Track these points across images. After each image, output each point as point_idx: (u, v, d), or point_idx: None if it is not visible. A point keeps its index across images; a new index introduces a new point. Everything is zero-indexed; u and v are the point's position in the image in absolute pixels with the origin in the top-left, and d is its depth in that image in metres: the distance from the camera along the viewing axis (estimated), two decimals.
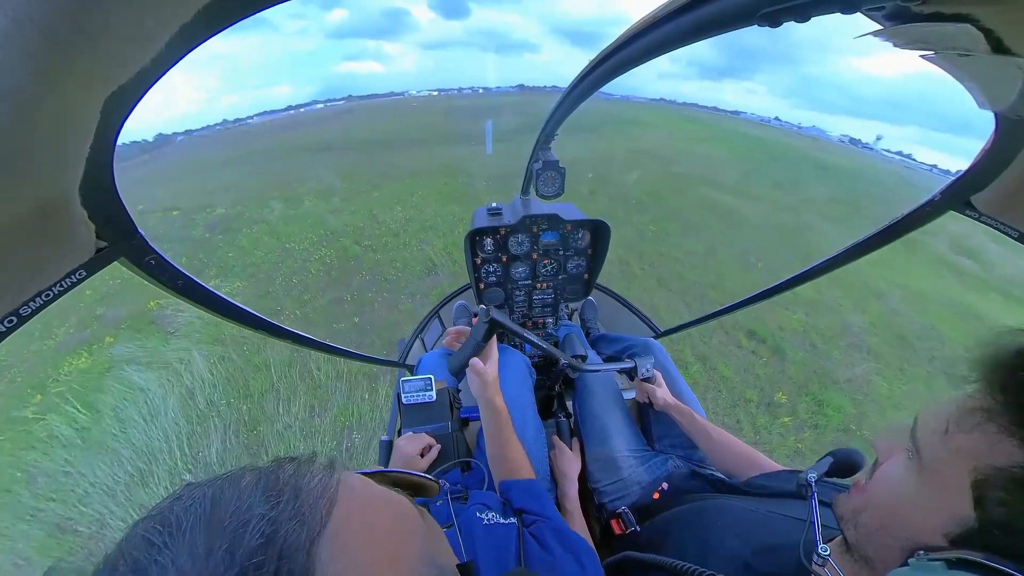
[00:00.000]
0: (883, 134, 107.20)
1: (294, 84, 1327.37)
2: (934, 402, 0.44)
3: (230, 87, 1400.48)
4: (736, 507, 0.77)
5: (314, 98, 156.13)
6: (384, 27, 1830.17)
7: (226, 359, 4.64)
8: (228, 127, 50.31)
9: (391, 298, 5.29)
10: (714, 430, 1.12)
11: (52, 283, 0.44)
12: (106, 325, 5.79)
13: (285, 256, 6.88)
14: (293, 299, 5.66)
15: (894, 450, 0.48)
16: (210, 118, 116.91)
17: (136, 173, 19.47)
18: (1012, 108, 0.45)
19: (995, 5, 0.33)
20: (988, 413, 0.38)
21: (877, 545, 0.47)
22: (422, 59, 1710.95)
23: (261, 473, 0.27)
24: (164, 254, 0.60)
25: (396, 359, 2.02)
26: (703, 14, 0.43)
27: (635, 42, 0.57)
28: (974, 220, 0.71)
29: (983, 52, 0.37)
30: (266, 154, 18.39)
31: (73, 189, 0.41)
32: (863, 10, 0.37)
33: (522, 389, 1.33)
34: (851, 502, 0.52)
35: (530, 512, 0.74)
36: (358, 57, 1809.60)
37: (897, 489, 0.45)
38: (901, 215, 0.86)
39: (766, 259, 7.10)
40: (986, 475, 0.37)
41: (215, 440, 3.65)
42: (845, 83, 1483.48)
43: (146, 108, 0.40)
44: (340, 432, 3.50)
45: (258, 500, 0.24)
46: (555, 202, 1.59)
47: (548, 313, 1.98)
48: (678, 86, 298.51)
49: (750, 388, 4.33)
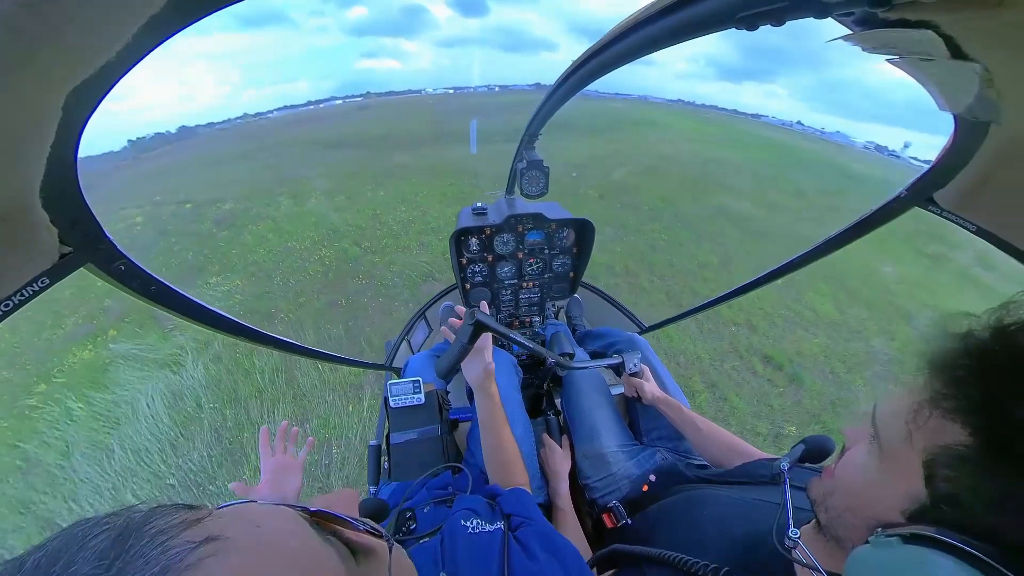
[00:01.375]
0: (911, 141, 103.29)
1: (313, 80, 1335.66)
2: (890, 391, 0.47)
3: (252, 81, 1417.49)
4: (722, 496, 0.79)
5: (332, 94, 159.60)
6: (402, 24, 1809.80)
7: (217, 360, 4.57)
8: (249, 120, 51.61)
9: (385, 304, 5.15)
10: (701, 421, 1.14)
11: (12, 292, 0.42)
12: (111, 318, 5.86)
13: (286, 255, 6.84)
14: (289, 301, 5.57)
15: (859, 436, 0.50)
16: (232, 111, 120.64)
17: (158, 163, 20.09)
18: (969, 110, 0.48)
19: (954, 13, 0.35)
20: (934, 398, 0.40)
21: (845, 526, 0.49)
22: (439, 57, 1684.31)
23: (116, 534, 0.23)
24: (135, 259, 0.58)
25: (382, 362, 2.00)
26: (683, 17, 0.44)
27: (617, 44, 0.57)
28: (936, 215, 0.74)
29: (943, 57, 0.39)
30: (281, 148, 18.64)
31: (33, 191, 0.39)
32: (834, 15, 0.39)
33: (509, 388, 1.33)
34: (822, 486, 0.54)
35: (518, 515, 0.73)
36: (376, 54, 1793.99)
37: (861, 472, 0.48)
38: (870, 211, 0.90)
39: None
40: (934, 454, 0.39)
41: (199, 444, 3.59)
42: (870, 87, 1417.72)
43: (170, 100, 0.33)
44: (321, 446, 3.33)
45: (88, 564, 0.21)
46: (539, 201, 1.60)
47: (535, 312, 1.99)
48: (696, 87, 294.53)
49: (762, 420, 3.98)
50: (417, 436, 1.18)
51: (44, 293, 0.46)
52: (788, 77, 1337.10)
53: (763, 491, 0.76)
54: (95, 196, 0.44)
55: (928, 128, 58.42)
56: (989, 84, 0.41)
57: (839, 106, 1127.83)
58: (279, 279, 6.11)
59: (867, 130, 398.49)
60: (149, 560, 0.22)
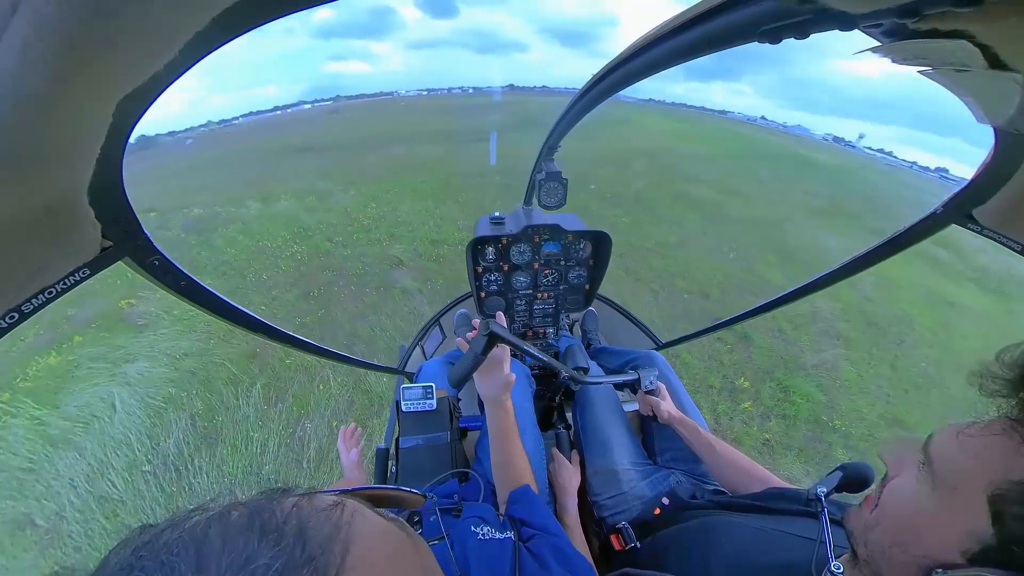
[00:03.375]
0: (866, 133, 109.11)
1: (281, 84, 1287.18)
2: (951, 420, 0.43)
3: (217, 87, 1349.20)
4: (739, 525, 0.75)
5: (301, 98, 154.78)
6: (370, 26, 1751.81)
7: (190, 355, 4.61)
8: (214, 128, 49.72)
9: (356, 292, 5.29)
10: (718, 444, 1.10)
11: (55, 281, 0.44)
12: (76, 325, 5.74)
13: (258, 254, 6.85)
14: (262, 295, 5.63)
15: (904, 463, 0.47)
16: (196, 119, 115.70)
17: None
18: (1011, 122, 0.46)
19: (991, 22, 0.33)
20: (1006, 427, 0.37)
21: (890, 562, 0.46)
22: (410, 59, 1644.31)
23: (252, 510, 0.22)
24: (169, 256, 0.60)
25: (395, 366, 2.01)
26: (705, 31, 0.43)
27: (637, 58, 0.57)
28: (976, 233, 0.71)
29: (981, 67, 0.37)
30: (248, 155, 18.27)
31: (82, 188, 0.41)
32: (861, 28, 0.38)
33: (522, 400, 1.29)
34: (862, 518, 0.51)
35: (530, 525, 0.71)
36: (345, 57, 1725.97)
37: (910, 504, 0.44)
38: (904, 227, 0.86)
39: (740, 250, 7.18)
40: (1004, 490, 0.36)
41: (174, 429, 3.64)
42: (830, 83, 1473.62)
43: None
44: (296, 421, 3.48)
45: (256, 544, 0.20)
46: (557, 212, 1.60)
47: (549, 323, 1.97)
48: (668, 87, 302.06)
49: (713, 375, 4.32)
50: (426, 442, 1.18)
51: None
52: (754, 75, 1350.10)
53: (783, 521, 0.73)
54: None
55: (881, 120, 60.44)
56: None
57: (801, 101, 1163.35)
58: (252, 276, 6.13)
59: (826, 123, 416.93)
60: (314, 526, 0.22)
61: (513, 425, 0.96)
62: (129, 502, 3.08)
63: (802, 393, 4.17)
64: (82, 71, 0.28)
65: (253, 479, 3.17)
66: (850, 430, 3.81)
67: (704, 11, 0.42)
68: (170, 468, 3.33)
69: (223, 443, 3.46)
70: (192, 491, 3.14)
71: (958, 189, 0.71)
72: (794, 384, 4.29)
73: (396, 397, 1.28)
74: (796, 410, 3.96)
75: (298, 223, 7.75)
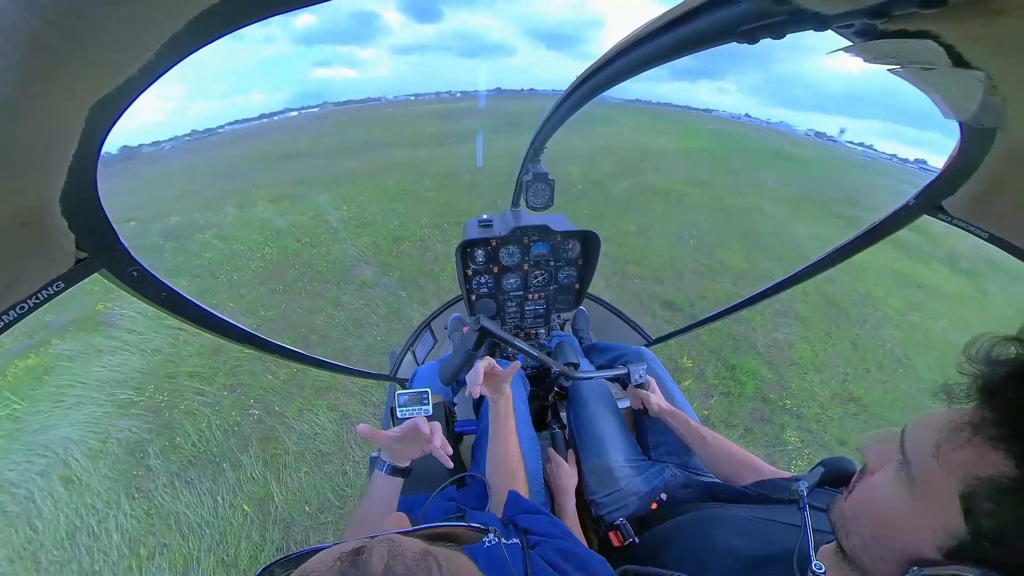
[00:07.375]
0: (847, 127, 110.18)
1: (267, 91, 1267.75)
2: (924, 415, 0.45)
3: (200, 95, 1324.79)
4: (734, 516, 0.77)
5: (287, 105, 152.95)
6: (355, 32, 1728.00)
7: (159, 351, 4.81)
8: (197, 137, 49.10)
9: (319, 288, 5.53)
10: (709, 434, 1.14)
11: (29, 295, 0.43)
12: (54, 330, 5.87)
13: (231, 256, 7.03)
14: (231, 293, 5.82)
15: (885, 459, 0.48)
16: (179, 128, 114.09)
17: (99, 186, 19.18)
18: (974, 117, 0.48)
19: (954, 23, 0.35)
20: (976, 425, 0.38)
21: (872, 557, 0.48)
22: (397, 64, 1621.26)
23: (346, 560, 0.24)
24: (148, 266, 0.58)
25: (387, 372, 2.02)
26: (686, 32, 0.45)
27: (620, 59, 0.59)
28: (947, 223, 0.74)
29: (946, 66, 0.39)
30: (230, 163, 18.34)
31: (53, 198, 0.40)
32: (834, 28, 0.39)
33: (517, 400, 1.29)
34: (843, 508, 0.53)
35: (535, 533, 0.72)
36: (330, 63, 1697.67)
37: (888, 501, 0.46)
38: (878, 220, 0.90)
39: (702, 237, 7.38)
40: (973, 486, 0.37)
41: (135, 419, 3.81)
42: (812, 80, 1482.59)
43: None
44: (245, 408, 3.69)
45: None
46: (545, 213, 1.63)
47: (540, 323, 1.99)
48: (654, 87, 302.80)
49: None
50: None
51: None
52: (738, 74, 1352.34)
53: (779, 511, 0.75)
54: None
55: (861, 115, 60.59)
56: (993, 90, 0.41)
57: (784, 98, 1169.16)
58: (223, 277, 6.32)
59: (808, 119, 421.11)
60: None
61: (512, 416, 0.99)
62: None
63: (748, 371, 4.13)
64: (51, 75, 0.27)
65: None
66: (802, 409, 3.77)
67: (684, 13, 0.44)
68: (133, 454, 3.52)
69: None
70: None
71: (927, 182, 0.74)
72: (741, 363, 4.21)
73: (390, 403, 1.27)
74: (741, 388, 3.91)
75: (271, 227, 7.96)
